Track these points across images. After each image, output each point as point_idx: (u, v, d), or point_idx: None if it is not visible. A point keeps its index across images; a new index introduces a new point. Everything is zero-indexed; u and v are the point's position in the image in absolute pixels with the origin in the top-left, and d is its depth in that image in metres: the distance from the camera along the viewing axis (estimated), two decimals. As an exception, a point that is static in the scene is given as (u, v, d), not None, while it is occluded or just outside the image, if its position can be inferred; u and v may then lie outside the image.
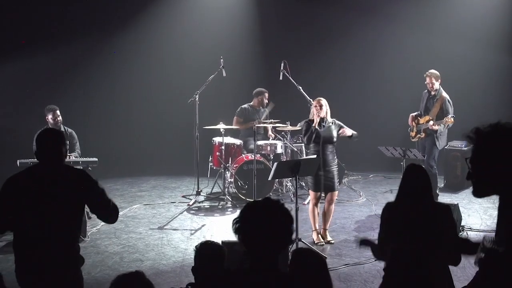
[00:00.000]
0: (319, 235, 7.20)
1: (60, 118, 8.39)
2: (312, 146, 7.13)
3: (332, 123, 7.24)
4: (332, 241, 7.19)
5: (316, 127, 7.09)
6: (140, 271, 3.13)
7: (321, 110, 7.13)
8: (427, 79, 8.74)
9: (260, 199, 2.73)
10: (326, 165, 7.05)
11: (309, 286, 3.27)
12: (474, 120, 9.59)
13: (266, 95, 9.81)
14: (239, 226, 2.60)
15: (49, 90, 10.82)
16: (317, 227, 7.21)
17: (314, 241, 7.12)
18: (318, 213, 7.21)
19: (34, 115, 9.49)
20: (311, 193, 7.21)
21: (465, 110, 9.98)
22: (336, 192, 7.28)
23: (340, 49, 11.62)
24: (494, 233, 2.66)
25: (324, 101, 7.23)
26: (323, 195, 7.29)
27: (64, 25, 11.23)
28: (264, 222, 2.56)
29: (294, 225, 2.56)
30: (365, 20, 11.51)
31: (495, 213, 7.08)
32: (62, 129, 8.49)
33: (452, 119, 8.47)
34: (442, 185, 9.77)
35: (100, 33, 11.37)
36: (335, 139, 7.19)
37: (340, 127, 7.32)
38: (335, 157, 7.26)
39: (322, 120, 7.13)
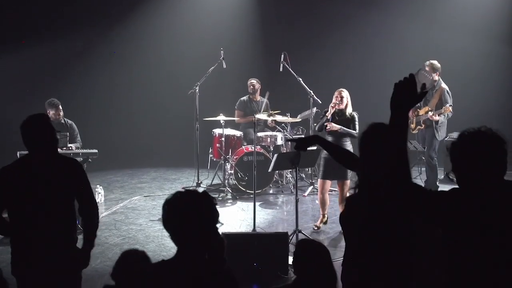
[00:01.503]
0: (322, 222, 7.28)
1: (61, 112, 8.40)
2: (328, 136, 7.09)
3: (351, 116, 7.21)
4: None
5: (329, 117, 7.08)
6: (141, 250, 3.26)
7: (342, 102, 7.14)
8: (426, 69, 8.75)
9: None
10: None
11: (313, 276, 3.29)
12: (474, 111, 9.63)
13: (250, 81, 9.81)
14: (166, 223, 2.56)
15: (50, 82, 10.84)
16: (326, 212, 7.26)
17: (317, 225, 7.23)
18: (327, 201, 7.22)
19: (34, 107, 9.45)
20: (319, 181, 7.22)
21: (465, 101, 9.99)
22: (348, 182, 7.15)
23: (340, 40, 11.59)
24: None
25: (346, 93, 7.24)
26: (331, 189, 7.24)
27: (64, 18, 11.21)
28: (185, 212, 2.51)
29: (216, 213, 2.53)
30: (365, 12, 11.48)
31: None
32: (62, 121, 8.49)
33: (450, 108, 8.47)
34: (442, 176, 9.78)
35: (100, 25, 11.35)
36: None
37: (353, 121, 7.24)
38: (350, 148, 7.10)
39: (340, 111, 7.12)
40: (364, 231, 3.04)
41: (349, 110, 7.25)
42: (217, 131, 9.42)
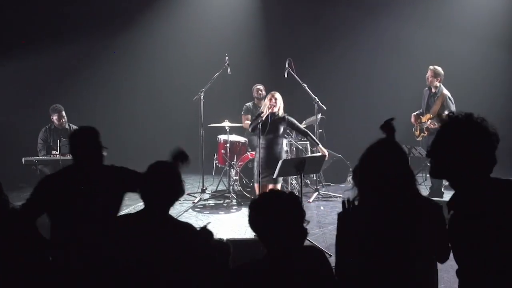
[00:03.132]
0: None
1: (65, 118, 8.43)
2: (262, 138, 7.20)
3: (283, 117, 7.30)
4: None
5: (263, 118, 7.14)
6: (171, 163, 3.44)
7: (276, 104, 7.21)
8: (428, 73, 8.74)
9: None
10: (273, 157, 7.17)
11: (312, 282, 3.27)
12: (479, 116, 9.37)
13: (256, 87, 9.82)
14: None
15: (55, 87, 10.86)
16: None
17: None
18: None
19: (39, 114, 9.52)
20: (256, 185, 7.28)
21: (468, 107, 9.94)
22: (278, 185, 7.25)
23: (345, 47, 11.60)
24: None
25: (278, 95, 7.32)
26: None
27: (69, 23, 11.25)
28: None
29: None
30: (370, 19, 11.49)
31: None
32: (67, 126, 8.52)
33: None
34: (447, 183, 9.74)
35: (105, 31, 11.37)
36: (280, 133, 7.28)
37: (292, 124, 7.36)
38: (282, 151, 7.36)
39: (273, 113, 7.21)
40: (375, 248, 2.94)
41: (281, 112, 7.31)
42: (222, 137, 9.42)
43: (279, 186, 7.26)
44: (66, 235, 3.75)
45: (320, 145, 7.34)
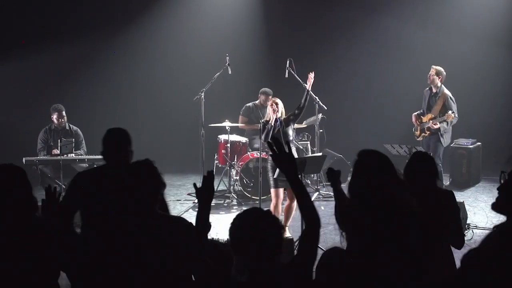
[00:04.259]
0: None
1: (65, 118, 8.43)
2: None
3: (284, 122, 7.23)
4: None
5: (273, 124, 7.06)
6: (148, 159, 3.42)
7: (278, 109, 7.13)
8: (430, 71, 8.71)
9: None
10: None
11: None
12: (480, 118, 9.57)
13: (270, 97, 9.79)
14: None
15: (55, 87, 10.84)
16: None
17: None
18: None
19: (39, 114, 9.52)
20: (272, 191, 7.14)
21: (470, 106, 9.97)
22: None
23: (346, 47, 11.58)
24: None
25: (279, 100, 7.26)
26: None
27: (69, 23, 11.24)
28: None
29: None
30: (371, 18, 11.46)
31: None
32: (67, 127, 8.53)
33: (453, 115, 8.41)
34: (448, 183, 9.75)
35: (105, 31, 11.34)
36: (291, 137, 7.23)
37: (292, 119, 7.32)
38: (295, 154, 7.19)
39: (280, 121, 7.14)
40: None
41: (283, 117, 7.24)
42: (223, 137, 9.42)
43: None
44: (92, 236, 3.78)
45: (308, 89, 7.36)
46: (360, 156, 3.08)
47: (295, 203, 7.19)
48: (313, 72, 7.54)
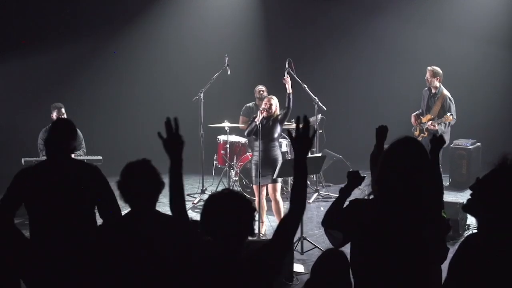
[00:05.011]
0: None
1: (64, 116, 8.40)
2: (256, 142, 7.21)
3: (275, 120, 7.23)
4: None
5: (258, 122, 7.07)
6: (146, 159, 3.46)
7: (270, 109, 7.16)
8: (427, 74, 8.71)
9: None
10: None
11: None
12: (479, 118, 9.55)
13: (258, 88, 9.79)
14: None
15: (55, 88, 10.81)
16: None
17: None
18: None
19: (39, 114, 9.50)
20: (254, 187, 7.31)
21: (469, 107, 9.95)
22: (278, 185, 7.25)
23: (346, 47, 11.57)
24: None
25: (275, 101, 7.28)
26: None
27: (69, 23, 11.20)
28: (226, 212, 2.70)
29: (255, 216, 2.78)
30: (370, 19, 11.46)
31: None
32: (67, 127, 8.49)
33: (451, 117, 8.40)
34: (447, 183, 9.73)
35: (105, 31, 11.33)
36: (275, 135, 7.21)
37: (282, 119, 7.31)
38: (277, 153, 7.27)
39: (268, 117, 7.16)
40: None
41: (277, 113, 7.24)
42: (222, 137, 9.41)
43: (278, 187, 7.24)
44: (42, 231, 3.79)
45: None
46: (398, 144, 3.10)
47: (278, 197, 7.22)
48: (288, 77, 7.59)
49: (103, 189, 3.97)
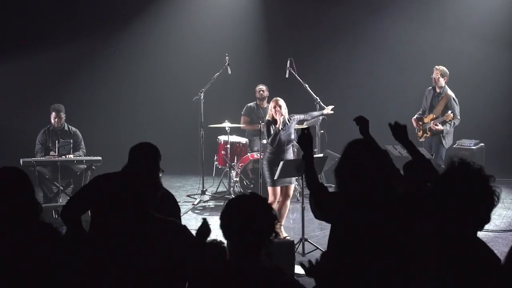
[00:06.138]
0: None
1: (62, 118, 8.37)
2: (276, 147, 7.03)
3: (290, 120, 7.18)
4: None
5: (280, 127, 6.97)
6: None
7: (281, 110, 7.02)
8: (434, 73, 8.62)
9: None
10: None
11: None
12: (483, 119, 9.46)
13: (258, 87, 9.71)
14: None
15: (54, 88, 10.79)
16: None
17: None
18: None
19: (38, 114, 9.45)
20: (269, 189, 7.08)
21: (474, 108, 9.89)
22: (292, 186, 7.21)
23: (347, 46, 11.51)
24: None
25: (282, 101, 7.10)
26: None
27: (69, 23, 11.18)
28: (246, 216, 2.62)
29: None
30: (372, 18, 11.39)
31: (504, 212, 6.89)
32: (66, 128, 8.46)
33: (452, 115, 8.34)
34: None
35: (104, 31, 11.29)
36: (293, 137, 7.17)
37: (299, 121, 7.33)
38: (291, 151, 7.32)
39: (286, 124, 7.07)
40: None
41: (287, 116, 7.12)
42: (222, 138, 9.34)
43: (292, 187, 7.20)
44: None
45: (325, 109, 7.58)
46: (350, 144, 3.30)
47: (288, 202, 7.18)
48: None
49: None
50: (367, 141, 3.33)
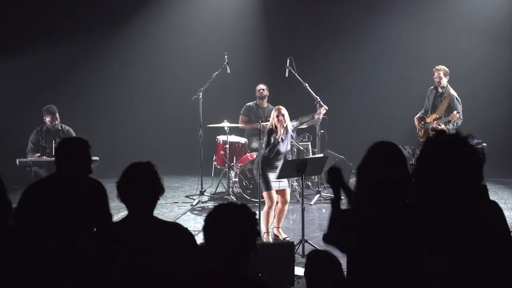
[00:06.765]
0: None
1: (58, 120, 8.32)
2: (275, 159, 6.89)
3: (293, 131, 7.16)
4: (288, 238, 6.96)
5: (279, 139, 6.82)
6: (150, 162, 3.30)
7: (284, 119, 6.86)
8: (435, 73, 8.55)
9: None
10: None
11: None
12: (484, 118, 9.36)
13: (258, 87, 9.64)
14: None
15: (51, 88, 10.76)
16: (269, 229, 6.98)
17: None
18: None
19: (34, 114, 9.39)
20: (264, 194, 6.89)
21: (475, 108, 9.84)
22: (288, 189, 7.08)
23: (347, 46, 11.47)
24: None
25: (284, 110, 6.94)
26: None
27: (66, 23, 11.17)
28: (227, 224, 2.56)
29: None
30: (372, 17, 11.36)
31: (507, 213, 6.80)
32: (60, 127, 8.42)
33: (458, 115, 8.26)
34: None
35: (102, 30, 11.28)
36: (289, 147, 7.14)
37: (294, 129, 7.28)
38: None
39: (285, 131, 6.91)
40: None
41: (289, 126, 6.97)
42: (221, 138, 9.27)
43: (288, 191, 7.08)
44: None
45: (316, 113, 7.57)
46: (374, 146, 3.08)
47: (286, 206, 7.09)
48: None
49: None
50: (395, 144, 3.08)
